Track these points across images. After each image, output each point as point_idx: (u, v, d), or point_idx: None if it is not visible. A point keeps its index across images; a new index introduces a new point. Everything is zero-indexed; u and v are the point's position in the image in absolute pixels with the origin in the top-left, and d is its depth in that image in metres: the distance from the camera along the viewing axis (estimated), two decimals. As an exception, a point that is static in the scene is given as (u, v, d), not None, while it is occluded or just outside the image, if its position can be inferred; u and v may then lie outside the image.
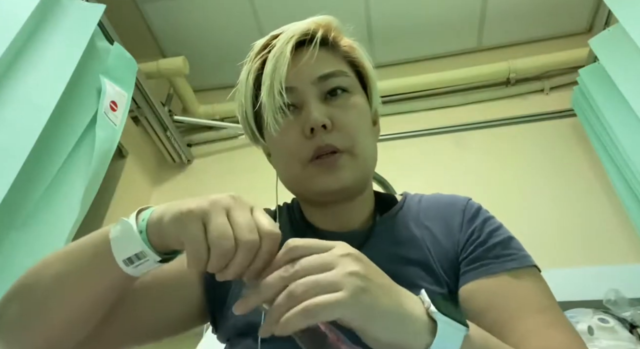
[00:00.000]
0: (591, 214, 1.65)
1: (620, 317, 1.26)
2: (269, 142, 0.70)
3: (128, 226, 0.49)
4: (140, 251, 0.48)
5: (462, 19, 2.09)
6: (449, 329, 0.43)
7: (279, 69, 0.63)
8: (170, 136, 2.05)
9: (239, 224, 0.44)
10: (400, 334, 0.42)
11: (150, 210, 0.50)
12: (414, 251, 0.65)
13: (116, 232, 0.50)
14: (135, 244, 0.48)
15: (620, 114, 1.48)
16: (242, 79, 0.69)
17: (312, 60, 0.65)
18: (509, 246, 0.64)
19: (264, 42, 0.68)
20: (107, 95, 1.46)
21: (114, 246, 0.49)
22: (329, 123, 0.63)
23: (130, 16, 2.07)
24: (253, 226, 0.45)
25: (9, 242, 1.09)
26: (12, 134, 1.12)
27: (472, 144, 1.95)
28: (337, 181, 0.63)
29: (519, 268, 0.61)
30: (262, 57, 0.67)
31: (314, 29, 0.67)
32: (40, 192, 1.19)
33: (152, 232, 0.48)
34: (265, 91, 0.63)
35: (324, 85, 0.65)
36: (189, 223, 0.45)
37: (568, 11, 2.04)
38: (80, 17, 1.44)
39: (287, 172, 0.68)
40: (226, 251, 0.43)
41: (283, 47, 0.64)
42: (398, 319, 0.43)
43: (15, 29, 1.19)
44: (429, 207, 0.71)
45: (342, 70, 0.67)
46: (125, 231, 0.49)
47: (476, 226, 0.66)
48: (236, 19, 2.10)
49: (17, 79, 1.19)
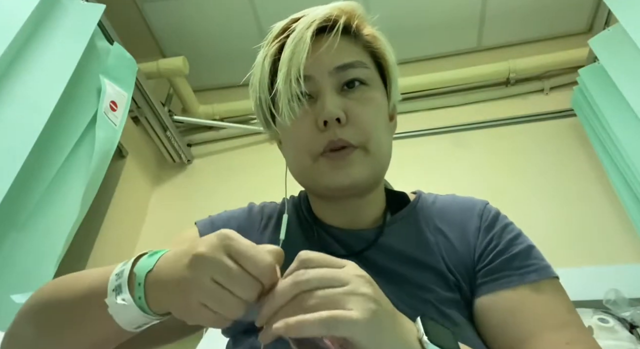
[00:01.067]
0: (591, 214, 1.65)
1: (620, 317, 1.26)
2: (281, 130, 0.67)
3: (128, 303, 0.47)
4: (143, 322, 0.49)
5: (462, 19, 2.09)
6: None
7: (297, 56, 0.59)
8: (170, 136, 2.05)
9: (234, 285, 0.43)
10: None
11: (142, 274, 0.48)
12: (427, 255, 0.63)
13: (116, 309, 0.48)
14: (140, 318, 0.48)
15: (620, 114, 1.48)
16: (257, 62, 0.67)
17: (331, 48, 0.61)
18: (529, 256, 0.62)
19: (283, 26, 0.65)
20: (107, 95, 1.46)
21: (119, 320, 0.48)
22: (344, 117, 0.60)
23: (130, 16, 2.07)
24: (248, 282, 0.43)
25: (9, 242, 1.09)
26: (12, 134, 1.12)
27: (472, 144, 1.95)
28: (347, 177, 0.60)
29: (539, 280, 0.59)
30: (280, 42, 0.64)
31: (337, 15, 0.63)
32: (40, 192, 1.19)
33: (152, 303, 0.47)
34: (281, 78, 0.60)
35: (341, 75, 0.62)
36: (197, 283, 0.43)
37: (568, 11, 2.04)
38: (80, 17, 1.44)
39: (297, 164, 0.65)
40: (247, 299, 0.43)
41: (303, 32, 0.61)
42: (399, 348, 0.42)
43: (15, 29, 1.19)
44: (444, 210, 0.69)
45: (362, 62, 0.64)
46: (125, 308, 0.47)
47: (495, 233, 0.64)
48: (236, 19, 2.10)
49: (17, 79, 1.18)
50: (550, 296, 0.59)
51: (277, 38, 0.65)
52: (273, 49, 0.64)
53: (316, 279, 0.42)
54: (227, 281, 0.43)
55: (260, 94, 0.66)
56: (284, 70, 0.60)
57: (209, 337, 1.37)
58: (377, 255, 0.63)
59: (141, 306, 0.47)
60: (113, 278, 0.49)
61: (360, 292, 0.42)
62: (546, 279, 0.60)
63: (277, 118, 0.65)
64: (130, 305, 0.47)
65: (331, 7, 0.64)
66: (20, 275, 1.07)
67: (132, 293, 0.47)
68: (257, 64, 0.67)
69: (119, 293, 0.47)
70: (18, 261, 1.08)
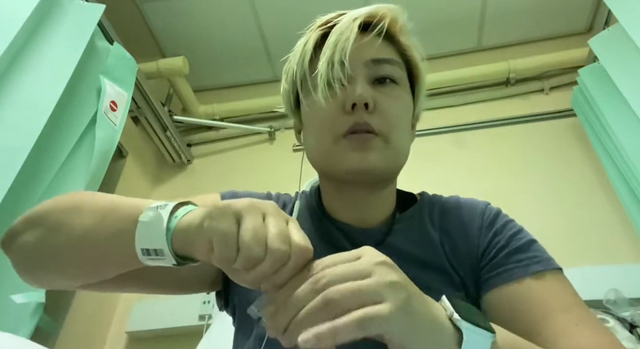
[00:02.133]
0: (591, 214, 1.65)
1: (620, 317, 1.26)
2: (305, 115, 0.68)
3: (160, 219, 0.46)
4: (159, 249, 0.46)
5: (462, 19, 2.09)
6: (475, 338, 0.41)
7: (342, 41, 0.62)
8: (170, 136, 2.05)
9: (273, 232, 0.42)
10: (432, 346, 0.40)
11: (187, 209, 0.48)
12: (432, 254, 0.64)
13: (146, 218, 0.47)
14: (158, 240, 0.46)
15: (620, 114, 1.48)
16: (297, 46, 0.69)
17: (372, 43, 0.64)
18: (531, 248, 0.62)
19: (328, 18, 0.68)
20: (107, 95, 1.46)
21: (139, 231, 0.47)
22: (372, 104, 0.61)
23: (130, 16, 2.07)
24: (286, 237, 0.42)
25: (9, 242, 1.09)
26: (12, 134, 1.12)
27: (472, 144, 1.95)
28: (365, 160, 0.61)
29: (543, 270, 0.60)
30: (323, 31, 0.66)
31: (382, 14, 0.65)
32: (41, 192, 1.19)
33: (177, 236, 0.46)
34: (324, 60, 0.62)
35: (375, 69, 0.64)
36: (222, 218, 0.42)
37: (568, 11, 2.04)
38: (80, 17, 1.44)
39: (318, 146, 0.65)
40: (255, 256, 0.40)
41: (350, 23, 0.63)
42: (432, 331, 0.41)
43: (15, 29, 1.19)
44: (448, 211, 0.70)
45: (397, 60, 0.67)
46: (154, 221, 0.47)
47: (496, 230, 0.65)
48: (236, 19, 2.10)
49: (17, 79, 1.19)
50: (555, 284, 0.59)
51: (320, 27, 0.67)
52: (315, 35, 0.67)
53: (338, 276, 0.40)
54: (272, 224, 0.42)
55: (296, 76, 0.68)
56: (327, 53, 0.62)
57: (209, 337, 1.37)
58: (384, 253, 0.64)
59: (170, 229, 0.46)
60: (154, 204, 0.49)
61: (387, 281, 0.40)
62: (550, 270, 0.60)
63: (303, 103, 0.67)
64: (160, 227, 0.46)
65: (378, 7, 0.66)
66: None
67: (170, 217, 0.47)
68: (296, 48, 0.69)
69: (160, 208, 0.47)
70: (18, 261, 1.08)
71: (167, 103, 2.10)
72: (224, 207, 0.43)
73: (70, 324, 1.50)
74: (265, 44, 2.19)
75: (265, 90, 2.30)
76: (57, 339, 1.42)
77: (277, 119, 2.24)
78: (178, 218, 0.47)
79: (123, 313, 1.75)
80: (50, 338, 1.39)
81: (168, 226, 0.46)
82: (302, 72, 0.66)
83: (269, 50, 2.21)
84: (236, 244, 0.41)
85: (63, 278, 0.56)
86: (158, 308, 1.70)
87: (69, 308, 1.51)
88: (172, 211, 0.47)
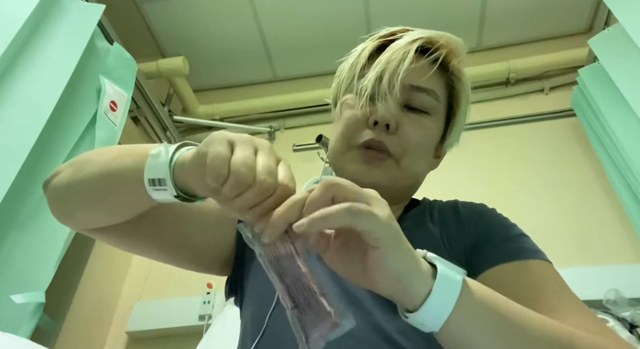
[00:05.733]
0: (591, 214, 1.65)
1: (620, 317, 1.26)
2: (336, 113, 0.73)
3: (165, 152, 0.50)
4: (162, 178, 0.50)
5: (462, 19, 2.09)
6: (448, 272, 0.44)
7: (394, 61, 0.64)
8: (170, 136, 2.05)
9: (262, 164, 0.44)
10: (411, 271, 0.42)
11: (190, 147, 0.51)
12: (434, 249, 0.65)
13: (155, 151, 0.51)
14: (161, 169, 0.49)
15: (620, 114, 1.49)
16: (356, 50, 0.72)
17: (420, 69, 0.66)
18: (519, 240, 0.64)
19: (392, 31, 0.70)
20: (106, 95, 1.46)
21: (148, 162, 0.51)
22: (394, 126, 0.64)
23: (130, 16, 2.07)
24: (274, 172, 0.44)
25: (9, 242, 1.09)
26: (12, 134, 1.12)
27: (472, 144, 1.95)
28: (369, 176, 0.64)
29: (531, 258, 0.60)
30: (383, 41, 0.69)
31: (442, 44, 0.68)
32: (40, 192, 1.19)
33: (178, 167, 0.49)
34: (374, 75, 0.65)
35: (411, 95, 0.67)
36: (216, 143, 0.44)
37: (568, 11, 2.04)
38: (80, 17, 1.44)
39: (335, 146, 0.70)
40: (243, 180, 0.42)
41: (408, 45, 0.65)
42: (411, 255, 0.43)
43: (15, 29, 1.19)
44: (445, 208, 0.72)
45: (435, 92, 0.68)
46: (160, 154, 0.50)
47: (488, 225, 0.66)
48: (236, 19, 2.10)
49: (17, 79, 1.18)
50: (545, 271, 0.60)
51: (381, 38, 0.70)
52: (374, 44, 0.70)
53: (343, 186, 0.42)
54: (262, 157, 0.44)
55: (347, 76, 0.72)
56: (378, 69, 0.65)
57: (209, 337, 1.37)
58: None
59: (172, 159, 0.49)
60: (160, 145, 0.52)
61: (383, 201, 0.43)
62: (538, 259, 0.61)
63: (339, 102, 0.72)
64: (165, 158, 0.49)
65: (440, 34, 0.68)
66: (20, 275, 1.07)
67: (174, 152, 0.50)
68: (355, 51, 0.72)
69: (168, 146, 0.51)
70: (18, 261, 1.08)
71: (167, 103, 2.10)
72: (220, 135, 0.46)
73: (70, 324, 1.50)
74: (265, 44, 2.19)
75: (265, 90, 2.30)
76: (57, 339, 1.42)
77: (277, 119, 2.24)
78: (181, 152, 0.50)
79: (123, 313, 1.75)
80: (50, 338, 1.39)
81: (171, 158, 0.50)
82: (351, 75, 0.70)
83: (269, 50, 2.21)
84: (227, 165, 0.43)
85: (88, 211, 0.60)
86: (158, 308, 1.70)
87: (69, 308, 1.51)
88: (177, 148, 0.51)
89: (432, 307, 0.42)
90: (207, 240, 0.68)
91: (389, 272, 0.42)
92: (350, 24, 2.05)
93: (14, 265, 1.07)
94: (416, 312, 0.42)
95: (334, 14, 2.04)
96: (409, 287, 0.42)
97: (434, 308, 0.42)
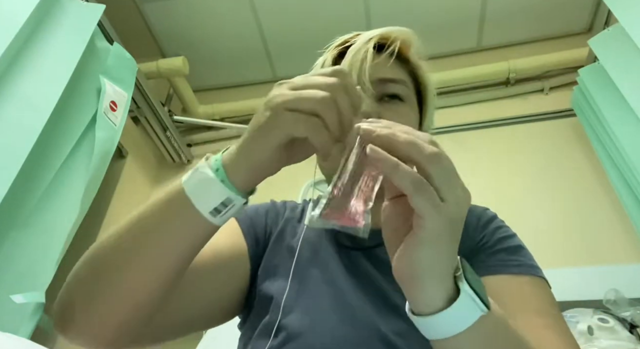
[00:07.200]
0: (591, 214, 1.65)
1: (620, 317, 1.26)
2: None
3: (204, 175, 0.46)
4: (225, 198, 0.45)
5: (462, 19, 2.09)
6: (469, 304, 0.40)
7: (357, 62, 0.65)
8: (170, 136, 2.05)
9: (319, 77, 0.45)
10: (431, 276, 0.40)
11: (218, 154, 0.48)
12: None
13: (192, 185, 0.46)
14: (219, 193, 0.45)
15: (620, 114, 1.48)
16: (317, 64, 0.74)
17: (381, 64, 0.67)
18: (516, 253, 0.63)
19: (346, 38, 0.71)
20: (106, 95, 1.46)
21: (195, 200, 0.46)
22: (376, 118, 0.65)
23: (130, 16, 2.07)
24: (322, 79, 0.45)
25: (9, 242, 1.09)
26: (12, 134, 1.12)
27: (472, 144, 1.95)
28: None
29: (523, 274, 0.60)
30: (340, 50, 0.70)
31: (395, 37, 0.69)
32: (40, 192, 1.19)
33: (231, 170, 0.45)
34: None
35: (383, 87, 0.68)
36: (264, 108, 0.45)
37: (568, 11, 2.04)
38: (80, 17, 1.44)
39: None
40: (322, 97, 0.43)
41: (363, 44, 0.67)
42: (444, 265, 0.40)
43: (15, 29, 1.19)
44: None
45: (404, 80, 0.70)
46: (202, 181, 0.46)
47: (487, 232, 0.66)
48: (236, 19, 2.10)
49: (17, 79, 1.18)
50: (534, 288, 0.60)
51: (338, 47, 0.72)
52: (333, 53, 0.71)
53: (442, 167, 0.39)
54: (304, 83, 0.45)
55: None
56: None
57: (209, 337, 1.37)
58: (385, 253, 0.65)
59: (222, 179, 0.45)
60: (185, 177, 0.47)
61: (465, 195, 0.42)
62: (531, 275, 0.61)
63: None
64: (210, 177, 0.45)
65: (390, 29, 0.70)
66: (20, 275, 1.08)
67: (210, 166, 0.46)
68: (316, 65, 0.74)
69: (195, 172, 0.47)
70: (18, 261, 1.08)
71: (167, 103, 2.10)
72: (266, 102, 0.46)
73: (70, 324, 1.49)
74: (265, 44, 2.19)
75: (265, 90, 2.26)
76: (57, 339, 1.42)
77: (277, 119, 2.24)
78: (219, 160, 0.46)
79: (123, 313, 1.74)
80: (50, 338, 1.38)
81: (215, 171, 0.45)
82: None
83: (269, 50, 2.21)
84: (310, 99, 0.43)
85: (129, 309, 0.51)
86: (158, 308, 1.69)
87: (69, 308, 1.51)
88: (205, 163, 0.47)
89: (433, 324, 0.41)
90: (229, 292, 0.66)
91: (413, 263, 0.40)
92: (350, 24, 2.04)
93: (14, 265, 1.07)
94: (418, 316, 0.41)
95: (334, 14, 2.04)
96: (421, 290, 0.40)
97: (434, 326, 0.41)
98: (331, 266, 0.65)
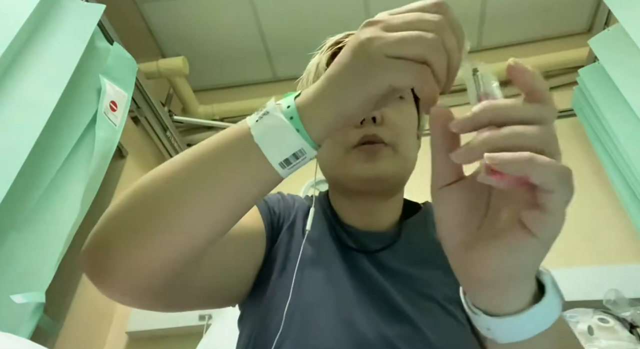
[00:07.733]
0: (591, 214, 1.65)
1: (620, 317, 1.26)
2: None
3: (277, 121, 0.40)
4: (299, 150, 0.41)
5: (462, 19, 2.07)
6: (554, 301, 0.37)
7: None
8: (170, 136, 2.05)
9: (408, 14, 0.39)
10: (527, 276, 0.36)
11: (286, 98, 0.42)
12: (435, 255, 0.65)
13: (262, 131, 0.41)
14: (293, 143, 0.40)
15: (620, 114, 1.49)
16: (310, 67, 0.72)
17: None
18: None
19: (337, 39, 0.71)
20: (107, 95, 1.46)
21: (265, 148, 0.41)
22: (379, 117, 0.65)
23: (130, 16, 2.07)
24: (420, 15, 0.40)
25: (9, 242, 1.09)
26: (12, 134, 1.12)
27: (472, 144, 1.95)
28: (374, 169, 0.65)
29: None
30: (332, 51, 0.70)
31: None
32: (40, 192, 1.19)
33: (309, 119, 0.40)
34: None
35: None
36: (350, 45, 0.39)
37: (568, 11, 2.04)
38: (80, 17, 1.44)
39: (329, 156, 0.69)
40: (431, 40, 0.38)
41: None
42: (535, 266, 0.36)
43: (15, 29, 1.19)
44: None
45: None
46: (275, 127, 0.41)
47: None
48: (236, 19, 2.10)
49: (17, 79, 1.18)
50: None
51: (330, 48, 0.71)
52: (327, 55, 0.70)
53: (550, 140, 0.36)
54: (402, 21, 0.38)
55: None
56: None
57: (209, 337, 1.37)
58: (388, 257, 0.67)
59: (297, 127, 0.40)
60: (251, 120, 0.42)
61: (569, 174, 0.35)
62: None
63: None
64: (285, 124, 0.40)
65: None
66: (20, 275, 1.07)
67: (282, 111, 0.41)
68: (309, 69, 0.73)
69: (267, 116, 0.41)
70: (18, 261, 1.08)
71: (167, 103, 2.10)
72: (355, 39, 0.40)
73: (70, 325, 1.50)
74: (265, 44, 2.19)
75: (265, 90, 2.30)
76: (57, 339, 1.42)
77: (277, 119, 2.24)
78: (291, 105, 0.41)
79: (123, 313, 1.75)
80: (50, 338, 1.38)
81: (290, 121, 0.40)
82: None
83: (269, 50, 2.21)
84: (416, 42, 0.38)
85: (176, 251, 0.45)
86: (158, 308, 1.70)
87: (69, 308, 1.51)
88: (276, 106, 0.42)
89: (521, 322, 0.36)
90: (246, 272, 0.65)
91: (520, 264, 0.35)
92: (350, 24, 2.04)
93: (14, 265, 1.07)
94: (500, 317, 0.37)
95: (334, 14, 2.04)
96: (514, 289, 0.36)
97: (521, 325, 0.36)
98: (334, 267, 0.65)
